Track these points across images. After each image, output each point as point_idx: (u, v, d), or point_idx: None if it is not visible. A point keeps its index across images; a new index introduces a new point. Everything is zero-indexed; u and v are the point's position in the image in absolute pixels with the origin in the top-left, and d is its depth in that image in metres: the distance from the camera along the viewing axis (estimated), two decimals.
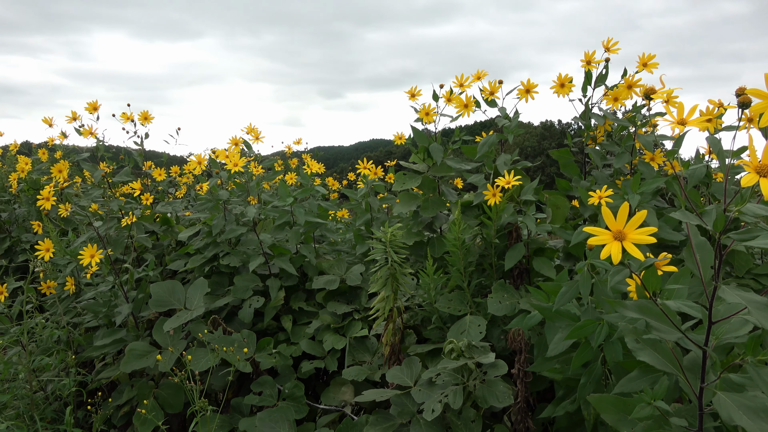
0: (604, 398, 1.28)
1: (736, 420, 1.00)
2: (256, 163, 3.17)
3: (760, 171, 0.84)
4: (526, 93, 2.28)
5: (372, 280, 2.19)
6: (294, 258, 2.70)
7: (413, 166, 2.56)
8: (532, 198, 2.08)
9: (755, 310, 0.93)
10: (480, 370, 1.85)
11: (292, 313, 2.69)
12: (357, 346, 2.46)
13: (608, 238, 0.95)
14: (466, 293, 2.18)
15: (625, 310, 1.16)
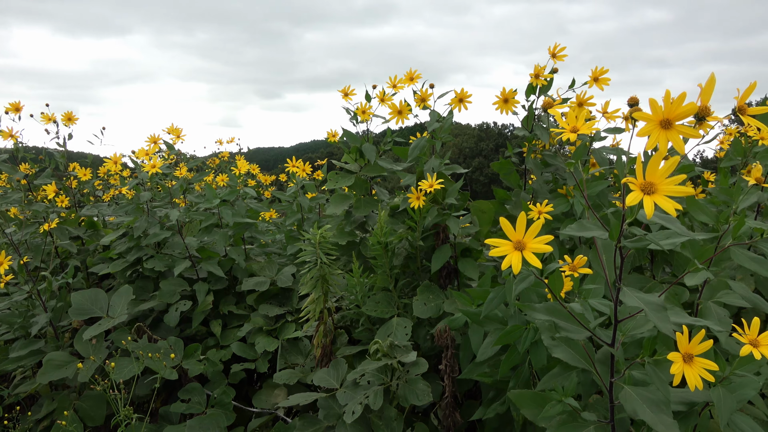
0: (524, 394, 1.34)
1: (639, 413, 1.06)
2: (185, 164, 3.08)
3: (645, 189, 0.87)
4: (459, 102, 2.30)
5: (302, 282, 2.18)
6: (222, 261, 2.65)
7: (346, 166, 2.56)
8: (455, 201, 2.12)
9: (651, 312, 0.97)
10: (404, 369, 1.89)
11: (221, 318, 2.65)
12: (290, 348, 2.45)
13: (509, 249, 0.98)
14: (393, 295, 2.21)
15: (534, 313, 1.20)
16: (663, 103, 0.84)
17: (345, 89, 2.46)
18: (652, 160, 0.84)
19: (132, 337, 2.30)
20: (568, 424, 1.22)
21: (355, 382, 1.89)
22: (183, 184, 2.57)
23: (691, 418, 1.19)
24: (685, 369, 0.96)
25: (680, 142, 0.84)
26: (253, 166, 3.73)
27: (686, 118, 0.83)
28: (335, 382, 1.98)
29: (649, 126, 0.88)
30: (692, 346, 0.97)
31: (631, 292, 1.01)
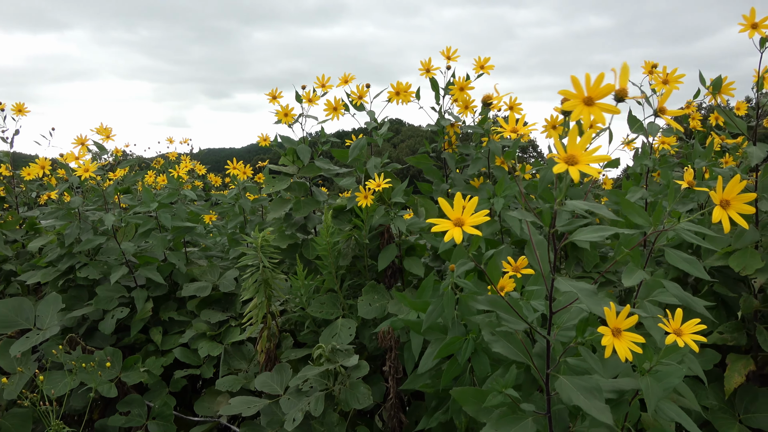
0: (466, 391, 1.34)
1: (574, 400, 1.08)
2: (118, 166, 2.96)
3: (568, 160, 0.92)
4: (397, 95, 2.32)
5: (244, 286, 2.14)
6: (162, 266, 2.56)
7: (283, 169, 2.52)
8: (401, 200, 2.13)
9: (585, 297, 1.01)
10: (346, 372, 1.87)
11: (162, 325, 2.56)
12: (234, 353, 2.39)
13: (449, 225, 1.01)
14: (339, 296, 2.20)
15: (477, 304, 1.22)
16: (584, 83, 0.90)
17: (272, 92, 2.42)
18: (570, 135, 0.90)
19: (64, 349, 2.18)
20: (508, 416, 1.24)
21: (298, 388, 1.86)
22: (117, 186, 2.47)
23: (622, 406, 1.23)
24: (615, 342, 1.01)
25: (602, 116, 0.90)
26: (199, 167, 3.63)
27: (606, 96, 0.90)
28: (279, 387, 1.94)
29: (572, 102, 0.93)
30: (620, 321, 1.01)
31: (566, 281, 1.04)
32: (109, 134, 2.43)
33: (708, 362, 1.82)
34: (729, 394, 1.75)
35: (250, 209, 2.78)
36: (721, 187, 0.99)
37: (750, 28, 1.71)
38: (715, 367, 1.88)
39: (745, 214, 0.98)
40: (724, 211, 0.99)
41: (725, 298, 1.97)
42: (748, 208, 0.98)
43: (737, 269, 1.72)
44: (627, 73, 0.91)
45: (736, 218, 0.98)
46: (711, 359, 1.83)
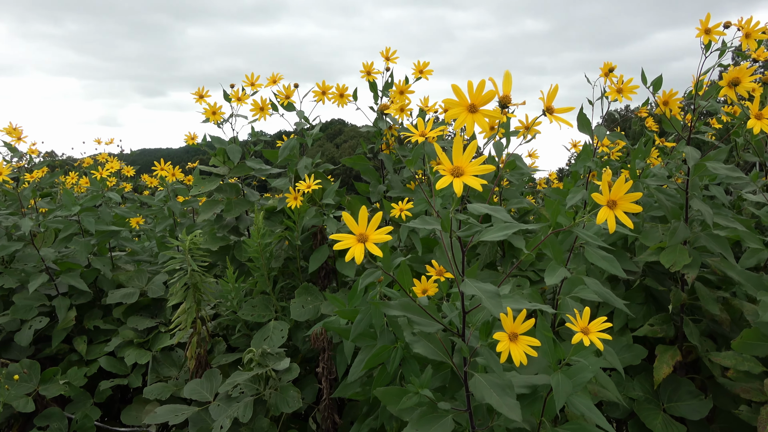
0: (389, 391, 1.35)
1: (487, 398, 1.10)
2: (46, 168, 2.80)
3: (454, 172, 0.93)
4: (323, 95, 2.31)
5: (171, 291, 2.07)
6: (86, 272, 2.45)
7: (214, 170, 2.46)
8: (332, 201, 2.13)
9: (487, 299, 1.02)
10: (277, 376, 1.85)
11: (87, 334, 2.44)
12: (163, 360, 2.32)
13: (352, 242, 0.99)
14: (271, 298, 2.17)
15: (389, 309, 1.22)
16: (467, 90, 0.91)
17: (199, 91, 2.36)
18: (455, 147, 0.91)
19: None
20: (428, 415, 1.26)
21: (228, 394, 1.83)
22: (34, 189, 2.33)
23: (536, 401, 1.26)
24: (510, 347, 1.03)
25: (485, 124, 0.92)
26: (128, 168, 3.48)
27: (489, 103, 0.92)
28: (208, 394, 1.90)
29: (456, 110, 0.95)
30: (516, 325, 1.04)
31: (472, 282, 1.06)
32: (19, 135, 2.30)
33: (636, 357, 1.87)
34: (658, 384, 1.81)
35: (180, 212, 2.69)
36: (607, 188, 1.03)
37: (704, 33, 1.77)
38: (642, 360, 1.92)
39: (632, 212, 1.02)
40: (610, 211, 1.02)
41: (654, 293, 2.05)
42: (635, 207, 1.03)
43: (667, 265, 1.77)
44: (510, 80, 0.95)
45: (622, 218, 1.02)
46: (639, 353, 1.88)
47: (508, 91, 0.95)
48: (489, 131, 0.93)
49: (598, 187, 2.27)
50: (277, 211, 2.25)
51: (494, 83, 0.93)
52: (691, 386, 1.87)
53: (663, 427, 1.76)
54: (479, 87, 0.91)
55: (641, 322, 1.96)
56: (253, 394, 1.84)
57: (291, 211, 2.15)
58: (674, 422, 1.80)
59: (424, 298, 1.16)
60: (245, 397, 1.82)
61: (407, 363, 1.43)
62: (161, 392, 2.09)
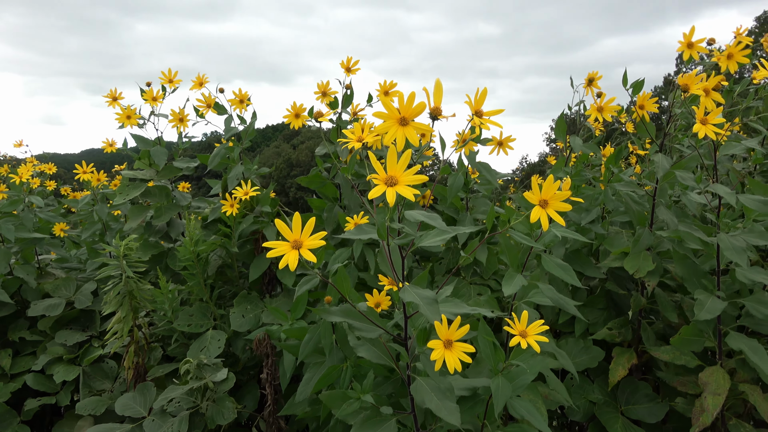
0: (334, 394, 1.33)
1: (427, 403, 1.10)
2: None
3: (387, 182, 0.93)
4: (240, 103, 2.22)
5: (105, 299, 1.98)
6: (7, 281, 2.30)
7: (139, 174, 2.34)
8: (269, 209, 2.08)
9: (424, 305, 1.02)
10: (214, 387, 1.82)
11: (12, 346, 2.30)
12: (94, 374, 2.21)
13: (286, 248, 0.97)
14: (209, 305, 2.11)
15: (331, 316, 1.20)
16: (398, 103, 0.91)
17: (112, 93, 2.24)
18: (389, 157, 0.91)
19: None
20: (372, 419, 1.25)
21: (163, 408, 1.77)
22: None
23: (478, 404, 1.27)
24: (445, 354, 1.03)
25: (415, 137, 0.92)
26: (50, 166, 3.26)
27: (419, 115, 0.92)
28: (142, 409, 1.83)
29: (387, 123, 0.94)
30: (451, 332, 1.04)
31: (412, 289, 1.05)
32: None
33: (594, 359, 1.90)
34: (612, 386, 1.82)
35: (108, 216, 2.56)
36: (538, 188, 1.05)
37: (686, 48, 1.74)
38: (601, 363, 1.93)
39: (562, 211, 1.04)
40: (543, 210, 1.04)
41: (615, 297, 2.07)
42: (565, 205, 1.05)
43: (631, 271, 1.77)
44: (440, 90, 0.94)
45: (554, 216, 1.04)
46: (597, 355, 1.91)
47: (439, 103, 0.95)
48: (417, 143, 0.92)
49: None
50: (214, 220, 2.17)
51: (427, 93, 0.93)
52: (648, 389, 1.90)
53: (623, 430, 1.79)
54: (410, 99, 0.91)
55: (602, 327, 1.97)
56: (190, 408, 1.79)
57: (227, 218, 2.09)
58: (632, 425, 1.82)
59: (363, 304, 1.15)
60: (181, 411, 1.77)
61: (357, 382, 1.42)
62: (95, 407, 2.00)
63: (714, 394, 1.55)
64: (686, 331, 1.71)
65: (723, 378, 1.59)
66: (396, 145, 0.93)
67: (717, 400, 1.54)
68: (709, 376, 1.60)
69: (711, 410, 1.53)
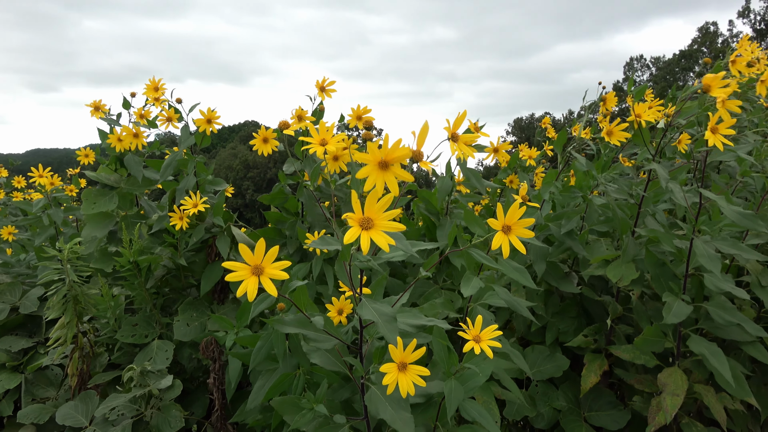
0: (286, 401, 1.33)
1: (381, 413, 1.10)
2: None
3: (363, 224, 0.92)
4: (208, 123, 2.15)
5: (48, 304, 1.95)
6: None
7: (103, 179, 2.32)
8: (221, 223, 2.08)
9: (383, 323, 1.02)
10: (159, 395, 1.83)
11: None
12: (37, 381, 2.16)
13: (246, 274, 0.94)
14: (155, 314, 2.11)
15: (285, 327, 1.19)
16: (383, 146, 0.91)
17: (95, 103, 2.24)
18: (370, 197, 0.90)
19: None
20: (325, 426, 1.24)
21: (106, 417, 1.77)
22: None
23: (431, 408, 1.29)
24: (399, 377, 1.02)
25: (395, 184, 0.92)
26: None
27: (402, 161, 0.92)
28: (84, 418, 1.81)
29: (368, 168, 0.94)
30: (406, 355, 1.03)
31: (369, 303, 1.06)
32: None
33: (558, 368, 1.92)
34: (585, 392, 1.83)
35: (61, 221, 2.53)
36: (502, 214, 1.04)
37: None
38: (566, 371, 1.95)
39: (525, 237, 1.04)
40: (505, 236, 1.04)
41: (587, 305, 2.08)
42: (528, 232, 1.04)
43: (614, 279, 1.76)
44: (425, 135, 0.95)
45: (516, 243, 1.03)
46: (561, 365, 1.93)
47: (421, 146, 0.95)
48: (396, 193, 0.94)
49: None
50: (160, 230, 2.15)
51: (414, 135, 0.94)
52: (612, 396, 1.93)
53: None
54: (395, 144, 0.90)
55: (572, 336, 1.99)
56: (134, 416, 1.79)
57: (175, 229, 2.08)
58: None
59: (319, 318, 1.17)
60: (124, 420, 1.77)
61: (310, 390, 1.40)
62: (38, 415, 1.96)
63: (673, 395, 1.59)
64: (649, 332, 1.74)
65: (681, 379, 1.62)
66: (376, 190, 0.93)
67: (676, 400, 1.57)
68: (668, 377, 1.63)
69: (669, 410, 1.56)
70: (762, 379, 1.90)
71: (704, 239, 1.59)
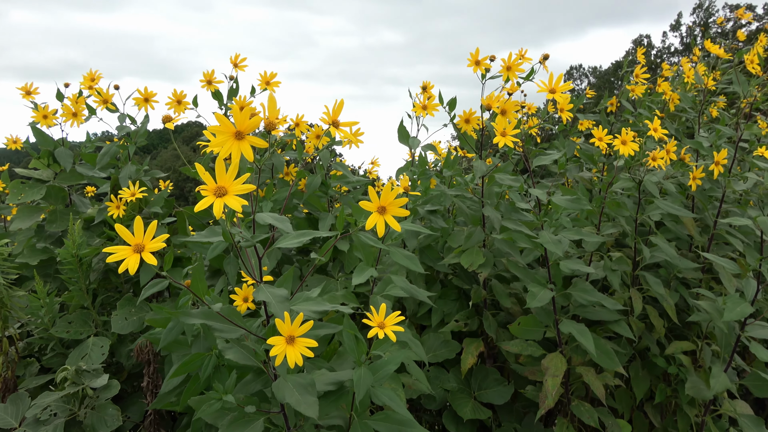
0: (202, 399, 1.33)
1: (288, 398, 1.12)
2: None
3: (217, 193, 0.95)
4: (145, 102, 2.21)
5: None
6: None
7: (35, 174, 2.25)
8: (160, 210, 2.05)
9: (276, 303, 1.06)
10: (94, 394, 1.75)
11: None
12: None
13: (128, 252, 0.95)
14: (91, 312, 2.04)
15: (190, 318, 1.18)
16: (234, 117, 0.95)
17: (26, 87, 2.17)
18: (218, 167, 0.94)
19: None
20: (239, 420, 1.26)
21: (37, 417, 1.69)
22: None
23: (344, 396, 1.33)
24: (287, 350, 1.06)
25: (249, 151, 0.96)
26: None
27: (255, 129, 0.96)
28: (14, 420, 1.74)
29: (222, 137, 0.98)
30: (294, 328, 1.07)
31: (266, 288, 1.10)
32: None
33: (452, 351, 2.03)
34: (465, 373, 1.96)
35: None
36: (375, 196, 1.12)
37: (474, 64, 1.93)
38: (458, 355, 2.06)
39: (400, 216, 1.12)
40: (381, 216, 1.11)
41: (464, 290, 2.21)
42: (403, 211, 1.13)
43: (466, 265, 1.93)
44: (274, 105, 1.01)
45: (391, 222, 1.11)
46: (454, 348, 2.04)
47: (274, 117, 0.99)
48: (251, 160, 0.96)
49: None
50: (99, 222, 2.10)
51: (262, 106, 0.98)
52: (497, 374, 2.07)
53: (472, 412, 1.93)
54: (245, 113, 0.94)
55: (455, 317, 2.11)
56: (67, 416, 1.72)
57: (113, 221, 2.04)
58: (482, 407, 1.97)
59: (218, 305, 1.16)
60: (57, 420, 1.69)
61: (220, 372, 1.41)
62: None
63: (553, 377, 1.71)
64: (525, 321, 1.87)
65: (561, 362, 1.75)
66: (231, 158, 0.97)
67: (555, 381, 1.70)
68: (549, 361, 1.76)
69: (551, 390, 1.69)
70: (641, 364, 2.10)
71: (550, 230, 1.74)
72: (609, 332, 2.03)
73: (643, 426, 2.15)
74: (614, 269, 1.96)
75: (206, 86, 2.20)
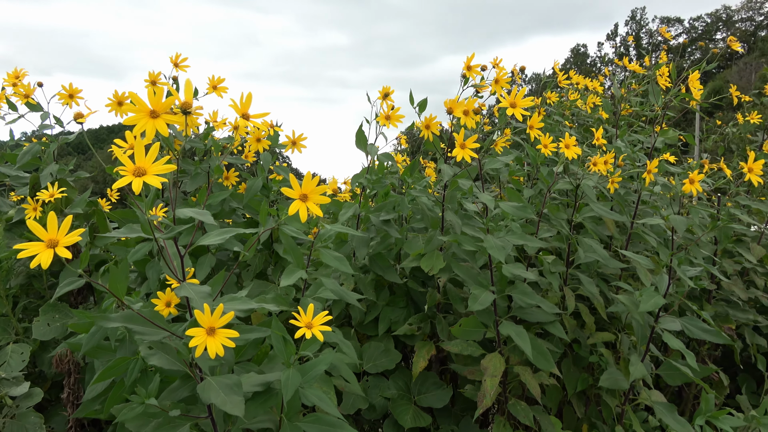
0: (125, 407, 1.29)
1: (213, 399, 1.11)
2: None
3: (136, 173, 0.95)
4: (70, 98, 2.12)
5: None
6: None
7: None
8: (80, 211, 1.98)
9: (198, 299, 1.07)
10: (14, 403, 1.67)
11: None
12: None
13: (41, 248, 0.93)
14: (11, 319, 1.94)
15: (109, 322, 1.16)
16: (148, 97, 0.96)
17: None
18: (137, 148, 0.94)
19: None
20: (166, 425, 1.23)
21: None
22: None
23: (272, 397, 1.31)
24: (207, 341, 1.05)
25: (164, 128, 0.97)
26: None
27: (168, 108, 0.97)
28: None
29: (138, 116, 0.98)
30: (214, 319, 1.06)
31: (188, 285, 1.09)
32: None
33: (392, 361, 2.04)
34: (416, 377, 1.96)
35: None
36: (297, 184, 1.13)
37: (466, 69, 1.93)
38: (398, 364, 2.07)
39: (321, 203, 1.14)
40: (303, 203, 1.13)
41: (414, 296, 2.23)
42: (324, 198, 1.15)
43: (426, 269, 1.92)
44: (191, 88, 1.02)
45: (313, 209, 1.13)
46: (395, 358, 2.05)
47: (190, 99, 1.01)
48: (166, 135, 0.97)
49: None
50: (19, 222, 2.01)
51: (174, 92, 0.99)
52: (435, 378, 2.08)
53: (413, 420, 1.93)
54: (159, 93, 0.95)
55: (402, 324, 2.11)
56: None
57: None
58: (423, 414, 1.97)
59: (138, 305, 1.14)
60: None
61: (145, 377, 1.36)
62: None
63: (492, 376, 1.74)
64: (466, 323, 1.90)
65: (499, 362, 1.79)
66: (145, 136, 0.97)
67: (494, 381, 1.73)
68: (488, 361, 1.79)
69: (489, 390, 1.71)
70: (573, 361, 2.18)
71: (498, 235, 1.80)
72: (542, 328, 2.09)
73: (572, 419, 2.22)
74: (552, 271, 2.01)
75: (150, 87, 2.11)
